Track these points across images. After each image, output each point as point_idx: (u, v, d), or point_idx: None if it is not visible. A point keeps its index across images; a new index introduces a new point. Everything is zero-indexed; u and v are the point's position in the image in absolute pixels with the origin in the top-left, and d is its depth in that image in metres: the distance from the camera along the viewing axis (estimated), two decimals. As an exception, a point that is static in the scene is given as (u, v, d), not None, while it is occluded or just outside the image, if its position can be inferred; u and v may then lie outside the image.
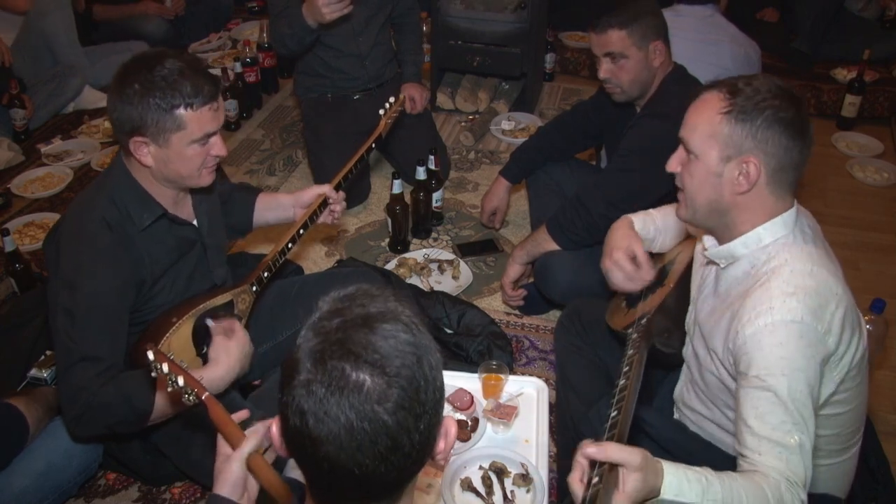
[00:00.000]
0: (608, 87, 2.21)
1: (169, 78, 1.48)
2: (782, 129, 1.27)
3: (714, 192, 1.34)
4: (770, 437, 1.21)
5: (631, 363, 1.40)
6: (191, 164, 1.58)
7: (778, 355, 1.22)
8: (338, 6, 2.58)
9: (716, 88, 1.33)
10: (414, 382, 0.83)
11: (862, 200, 3.13)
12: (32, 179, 3.11)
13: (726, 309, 1.37)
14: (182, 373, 1.20)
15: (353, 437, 0.81)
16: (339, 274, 2.19)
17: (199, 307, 1.68)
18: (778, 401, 1.21)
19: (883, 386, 2.23)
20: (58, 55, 3.51)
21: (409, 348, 0.84)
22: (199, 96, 1.50)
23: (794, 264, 1.29)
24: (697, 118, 1.34)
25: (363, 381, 0.81)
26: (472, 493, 1.53)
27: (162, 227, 1.67)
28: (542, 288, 2.32)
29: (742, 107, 1.28)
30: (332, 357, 0.82)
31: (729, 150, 1.30)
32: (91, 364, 1.52)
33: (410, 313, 0.88)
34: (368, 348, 0.82)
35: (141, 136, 1.52)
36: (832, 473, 1.46)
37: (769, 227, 1.33)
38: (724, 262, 1.40)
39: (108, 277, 1.55)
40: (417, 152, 2.74)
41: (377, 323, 0.84)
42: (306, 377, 0.82)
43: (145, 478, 1.88)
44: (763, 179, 1.30)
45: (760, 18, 4.14)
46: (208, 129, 1.56)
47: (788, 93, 1.29)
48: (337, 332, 0.84)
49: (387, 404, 0.81)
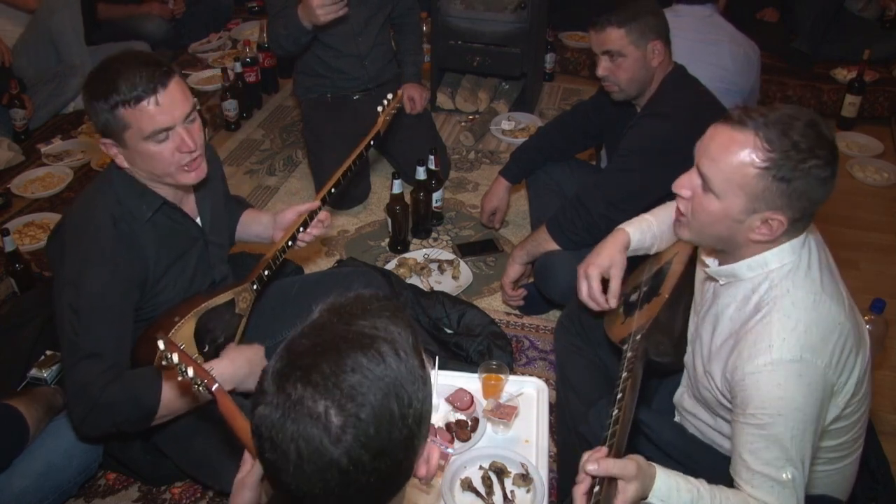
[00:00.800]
0: (606, 84, 2.21)
1: (109, 79, 1.46)
2: (818, 185, 1.20)
3: (727, 232, 1.29)
4: (763, 472, 1.23)
5: (625, 389, 1.38)
6: (159, 163, 1.54)
7: (776, 395, 1.21)
8: (332, 8, 2.58)
9: (749, 129, 1.20)
10: (378, 419, 0.79)
11: (862, 200, 3.13)
12: (32, 179, 3.11)
13: (727, 336, 1.35)
14: (192, 363, 1.21)
15: (301, 469, 0.79)
16: (339, 274, 2.19)
17: (201, 306, 1.69)
18: (773, 439, 1.22)
19: (883, 386, 2.23)
20: (63, 53, 3.50)
21: (378, 384, 0.80)
22: (134, 91, 1.44)
23: (797, 294, 1.26)
24: (726, 162, 1.22)
25: (319, 414, 0.78)
26: (472, 493, 1.53)
27: (165, 221, 1.67)
28: (542, 288, 2.32)
29: (781, 165, 1.18)
30: (295, 382, 0.79)
31: (757, 205, 1.22)
32: (96, 361, 1.52)
33: (400, 336, 0.85)
34: (332, 380, 0.79)
35: (106, 139, 1.53)
36: (833, 478, 1.46)
37: (777, 252, 1.29)
38: (724, 280, 1.38)
39: (113, 274, 1.56)
40: (417, 152, 2.74)
41: (352, 351, 0.81)
42: (265, 398, 0.81)
43: (145, 478, 1.88)
44: (785, 229, 1.25)
45: (760, 18, 4.14)
46: (157, 124, 1.48)
47: (827, 144, 1.20)
48: (306, 355, 0.81)
49: (339, 444, 0.78)
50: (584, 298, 1.74)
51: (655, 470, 1.21)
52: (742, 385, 1.25)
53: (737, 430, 1.27)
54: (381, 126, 2.18)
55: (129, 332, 1.61)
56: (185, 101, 1.52)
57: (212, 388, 1.21)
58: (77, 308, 1.53)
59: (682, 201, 1.34)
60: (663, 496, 1.20)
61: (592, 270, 1.71)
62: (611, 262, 1.71)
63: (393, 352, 0.82)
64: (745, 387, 1.25)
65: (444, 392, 1.72)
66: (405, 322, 0.88)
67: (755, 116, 1.21)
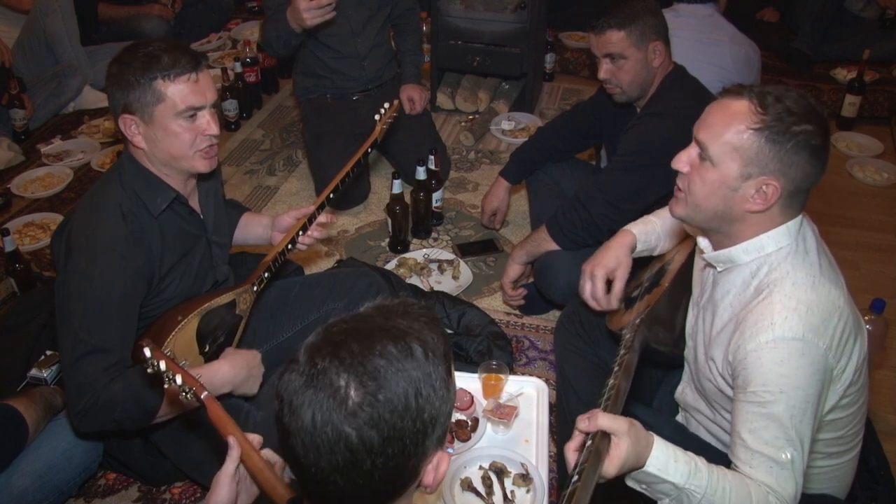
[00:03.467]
0: (608, 87, 2.21)
1: (150, 54, 1.52)
2: (809, 155, 1.22)
3: (723, 204, 1.30)
4: (762, 452, 1.22)
5: (621, 363, 1.39)
6: (180, 143, 1.58)
7: (778, 373, 1.22)
8: (318, 12, 2.59)
9: (745, 97, 1.25)
10: (394, 406, 0.82)
11: (862, 200, 3.13)
12: (32, 179, 3.12)
13: (728, 320, 1.35)
14: (180, 371, 1.19)
15: (313, 438, 0.81)
16: (340, 274, 2.19)
17: (203, 306, 1.69)
18: (773, 417, 1.21)
19: (883, 386, 2.23)
20: (59, 54, 3.51)
21: (402, 374, 0.83)
22: (175, 67, 1.52)
23: (797, 276, 1.26)
24: (722, 126, 1.26)
25: (339, 387, 0.81)
26: (472, 493, 1.53)
27: (172, 218, 1.68)
28: (542, 288, 2.32)
29: (774, 126, 1.21)
30: (324, 355, 0.83)
31: (751, 168, 1.24)
32: (101, 357, 1.52)
33: (433, 340, 0.88)
34: (359, 358, 0.82)
35: (129, 114, 1.55)
36: (833, 474, 1.46)
37: (773, 235, 1.30)
38: (722, 267, 1.38)
39: (122, 269, 1.56)
40: (417, 152, 2.74)
41: (384, 339, 0.84)
42: (296, 366, 0.84)
43: (145, 478, 1.88)
44: (779, 201, 1.26)
45: (760, 18, 4.14)
46: (191, 101, 1.55)
47: (819, 116, 1.23)
48: (340, 334, 0.85)
49: (354, 418, 0.80)
50: (586, 298, 1.74)
51: (653, 438, 1.19)
52: (744, 364, 1.25)
53: (737, 410, 1.27)
54: (379, 134, 2.18)
55: (135, 329, 1.61)
56: (214, 89, 1.62)
57: (200, 395, 1.18)
58: (85, 302, 1.53)
59: (682, 178, 1.36)
60: (660, 465, 1.18)
61: (598, 271, 1.71)
62: (617, 263, 1.71)
63: (423, 350, 0.86)
64: (747, 365, 1.25)
65: (444, 392, 1.72)
66: (441, 332, 0.91)
67: (750, 88, 1.27)
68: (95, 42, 3.90)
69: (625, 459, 1.15)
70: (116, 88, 1.54)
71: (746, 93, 1.25)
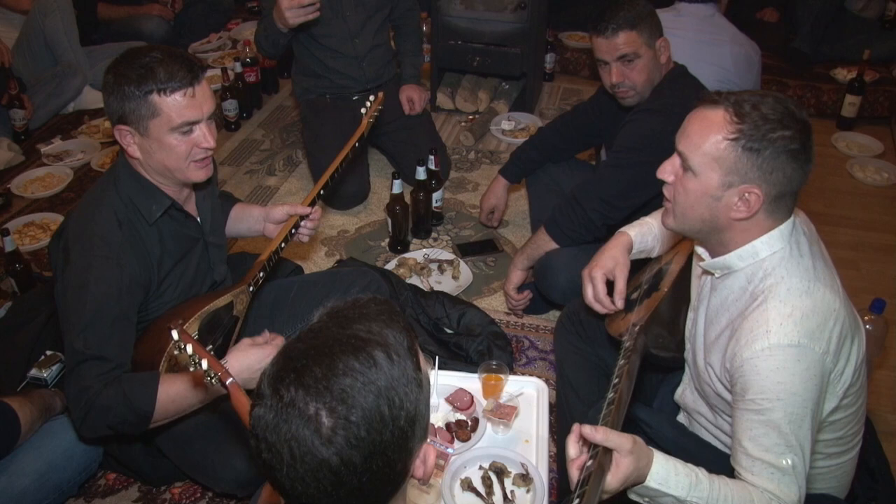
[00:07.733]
0: (621, 91, 2.18)
1: (146, 66, 1.49)
2: (788, 159, 1.22)
3: (708, 212, 1.30)
4: (763, 459, 1.23)
5: (621, 375, 1.39)
6: (175, 156, 1.56)
7: (775, 380, 1.22)
8: (300, 11, 2.60)
9: (721, 106, 1.25)
10: (369, 422, 0.81)
11: (862, 200, 3.13)
12: (32, 179, 3.12)
13: (725, 326, 1.35)
14: (207, 355, 1.19)
15: (296, 470, 0.81)
16: (339, 274, 2.19)
17: (203, 309, 1.68)
18: (772, 424, 1.22)
19: (883, 386, 2.23)
20: (58, 55, 3.52)
21: (370, 387, 0.81)
22: (172, 81, 1.49)
23: (791, 281, 1.26)
24: (700, 137, 1.26)
25: (310, 416, 0.80)
26: (472, 493, 1.53)
27: (169, 223, 1.67)
28: (543, 288, 2.32)
29: (750, 135, 1.21)
30: (288, 385, 0.81)
31: (731, 178, 1.25)
32: (98, 364, 1.52)
33: (395, 339, 0.86)
34: (323, 382, 0.81)
35: (124, 125, 1.53)
36: (832, 474, 1.46)
37: (766, 240, 1.30)
38: (719, 273, 1.38)
39: (117, 277, 1.55)
40: (417, 152, 2.74)
41: (345, 355, 0.82)
42: (262, 401, 0.83)
43: (145, 478, 1.87)
44: (763, 207, 1.26)
45: (760, 18, 4.14)
46: (187, 116, 1.52)
47: (797, 119, 1.23)
48: (300, 357, 0.83)
49: (330, 445, 0.80)
50: (589, 301, 1.73)
51: (653, 453, 1.21)
52: (741, 371, 1.26)
53: (737, 417, 1.27)
54: (365, 129, 2.17)
55: (133, 335, 1.60)
56: (211, 99, 1.58)
57: (226, 381, 1.19)
58: (81, 310, 1.52)
59: (667, 188, 1.37)
60: (661, 480, 1.19)
61: (597, 272, 1.71)
62: (615, 264, 1.71)
63: (385, 355, 0.84)
64: (744, 373, 1.25)
65: (444, 392, 1.72)
66: (401, 325, 0.89)
67: (727, 96, 1.26)
68: (95, 42, 3.90)
69: (626, 476, 1.17)
70: (112, 98, 1.52)
71: (723, 101, 1.26)
